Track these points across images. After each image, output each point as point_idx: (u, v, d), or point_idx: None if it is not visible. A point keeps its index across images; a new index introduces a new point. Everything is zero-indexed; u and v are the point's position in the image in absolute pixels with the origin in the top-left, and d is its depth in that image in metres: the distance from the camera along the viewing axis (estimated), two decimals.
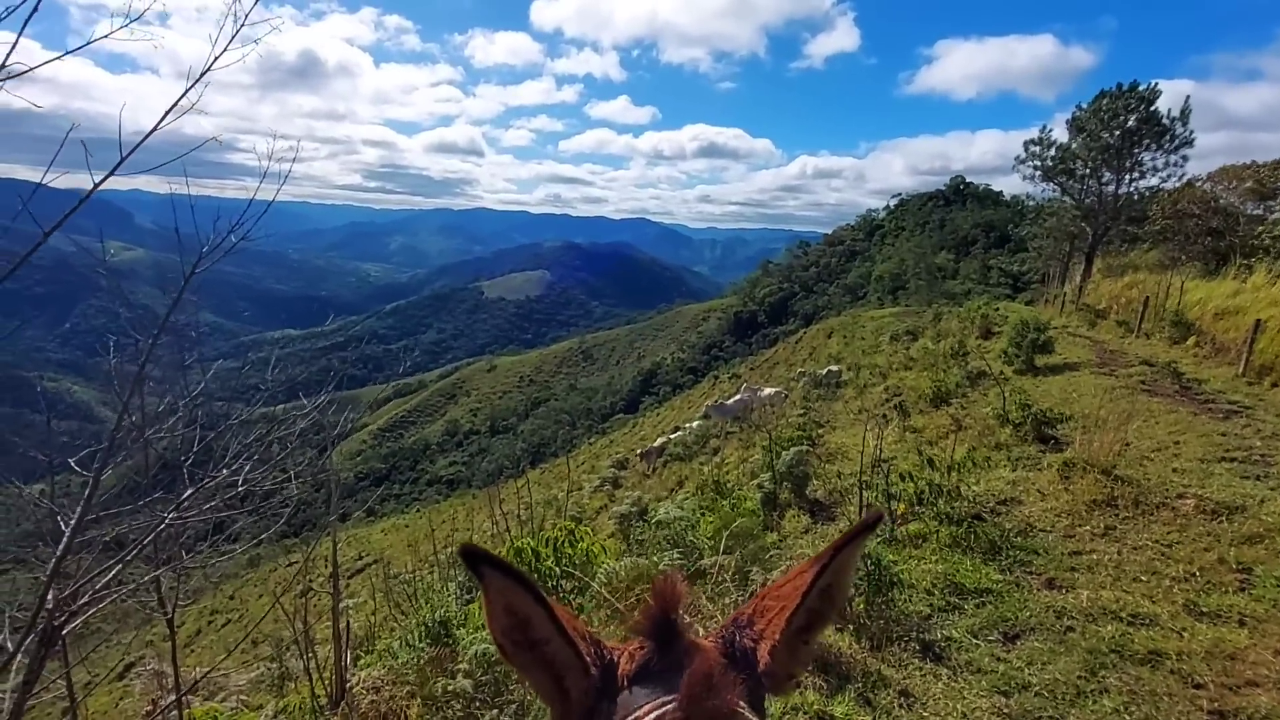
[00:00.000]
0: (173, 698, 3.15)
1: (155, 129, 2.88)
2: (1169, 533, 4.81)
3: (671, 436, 20.32)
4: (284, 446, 3.53)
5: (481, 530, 15.53)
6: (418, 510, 42.22)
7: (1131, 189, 25.61)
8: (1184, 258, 19.89)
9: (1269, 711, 3.11)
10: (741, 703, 0.66)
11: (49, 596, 1.91)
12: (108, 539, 2.20)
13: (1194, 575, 4.25)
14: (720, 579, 3.99)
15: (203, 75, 2.81)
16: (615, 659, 0.73)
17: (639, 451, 20.94)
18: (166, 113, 2.88)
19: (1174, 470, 6.07)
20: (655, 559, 4.23)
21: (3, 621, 2.14)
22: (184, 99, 2.83)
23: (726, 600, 3.78)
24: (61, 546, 1.95)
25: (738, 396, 20.07)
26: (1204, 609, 3.91)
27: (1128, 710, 3.13)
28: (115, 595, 2.16)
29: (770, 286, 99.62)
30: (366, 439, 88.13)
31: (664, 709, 0.65)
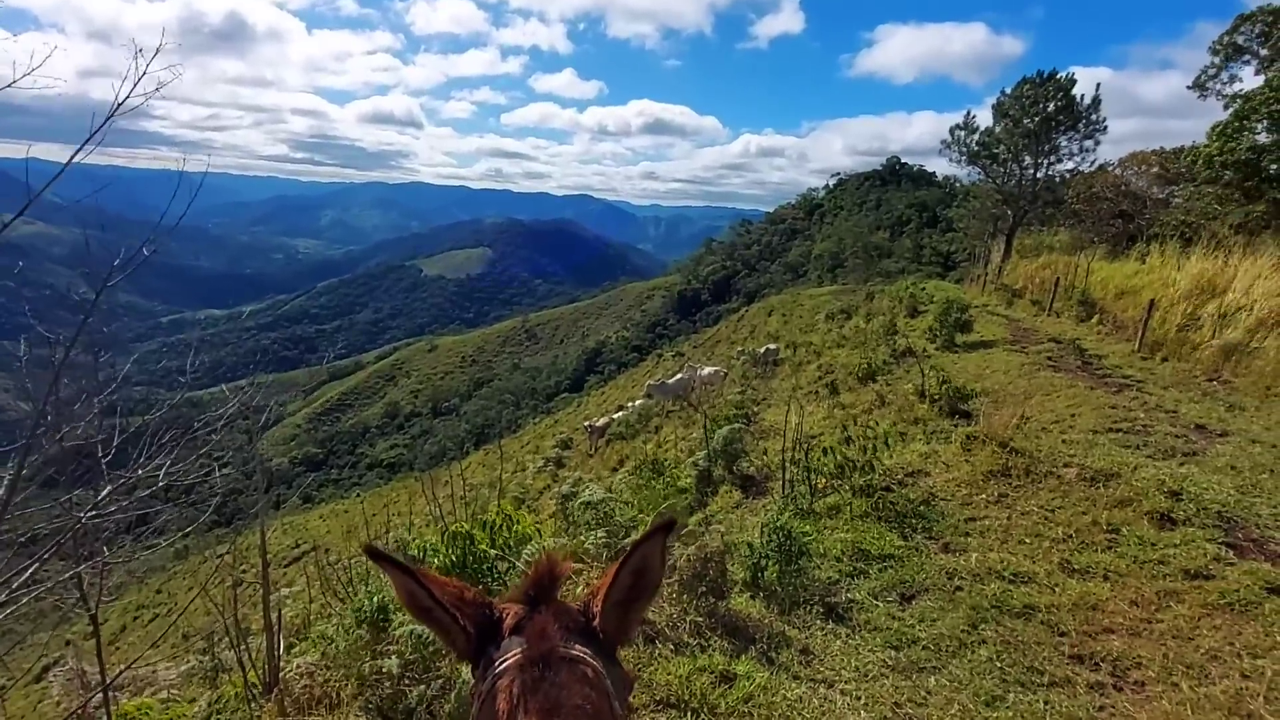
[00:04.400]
0: (98, 695, 3.15)
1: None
2: (1053, 499, 5.30)
3: (615, 416, 20.56)
4: (207, 437, 3.51)
5: (423, 513, 15.43)
6: (358, 495, 41.32)
7: (1050, 173, 26.98)
8: (1095, 239, 21.18)
9: (1120, 654, 3.56)
10: (577, 646, 0.89)
11: None
12: (24, 538, 2.20)
13: (1070, 536, 4.73)
14: None
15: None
16: (504, 615, 0.96)
17: (586, 424, 21.19)
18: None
19: (1064, 441, 6.65)
20: (584, 538, 4.42)
21: None
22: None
23: None
24: None
25: (679, 375, 20.44)
26: (1075, 566, 4.38)
27: (999, 659, 3.52)
28: (32, 594, 2.18)
29: (714, 264, 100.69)
30: (301, 423, 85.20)
31: (519, 650, 0.89)
